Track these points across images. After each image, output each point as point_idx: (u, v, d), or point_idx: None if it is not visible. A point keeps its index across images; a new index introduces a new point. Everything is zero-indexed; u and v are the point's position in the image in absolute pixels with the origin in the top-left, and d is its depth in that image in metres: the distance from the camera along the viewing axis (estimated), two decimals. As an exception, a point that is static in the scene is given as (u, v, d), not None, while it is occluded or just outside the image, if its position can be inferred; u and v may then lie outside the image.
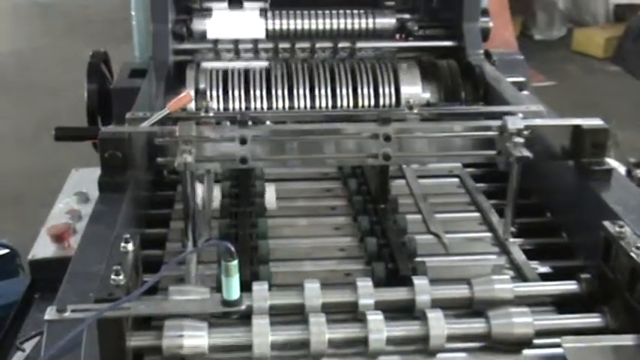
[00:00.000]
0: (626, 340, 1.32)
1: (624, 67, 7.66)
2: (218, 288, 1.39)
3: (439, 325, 1.35)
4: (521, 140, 1.67)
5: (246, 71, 2.43)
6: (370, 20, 2.69)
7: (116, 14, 9.12)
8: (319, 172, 2.13)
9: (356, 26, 2.69)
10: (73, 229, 2.01)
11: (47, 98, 6.49)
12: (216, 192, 1.96)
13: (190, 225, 1.69)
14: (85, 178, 2.34)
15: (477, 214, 1.93)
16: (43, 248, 1.96)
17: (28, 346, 1.79)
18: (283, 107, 2.35)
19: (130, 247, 1.39)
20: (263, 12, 2.67)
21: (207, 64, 2.49)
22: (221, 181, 2.01)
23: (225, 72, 2.42)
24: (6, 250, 3.08)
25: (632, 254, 1.36)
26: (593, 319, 1.41)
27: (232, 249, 1.21)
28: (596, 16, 8.39)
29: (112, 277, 1.29)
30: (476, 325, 1.37)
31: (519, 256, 1.70)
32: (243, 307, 1.28)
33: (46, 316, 1.20)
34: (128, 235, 1.40)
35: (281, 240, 1.78)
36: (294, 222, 1.89)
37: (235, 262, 1.22)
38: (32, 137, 5.68)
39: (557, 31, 8.56)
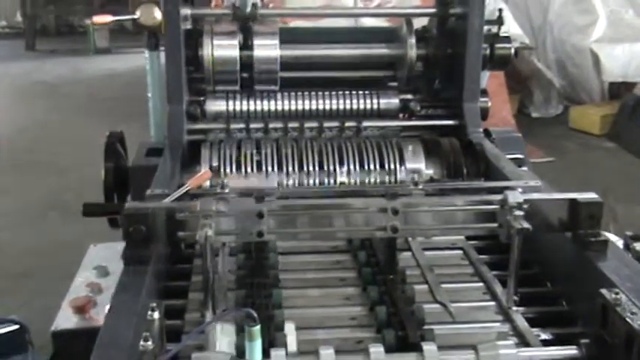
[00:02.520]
0: (625, 400, 1.41)
1: (620, 143, 7.83)
2: (237, 355, 1.47)
3: (448, 389, 1.43)
4: (521, 213, 1.77)
5: (258, 148, 2.55)
6: (375, 101, 2.83)
7: (119, 93, 9.41)
8: (329, 246, 2.22)
9: (361, 106, 2.82)
10: (93, 302, 2.10)
11: (53, 176, 6.62)
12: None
13: (210, 295, 1.78)
14: (103, 253, 2.44)
15: (480, 284, 2.02)
16: (65, 320, 2.05)
17: (53, 414, 1.86)
18: (294, 183, 2.46)
19: (156, 315, 1.48)
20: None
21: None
22: (236, 254, 2.11)
23: (239, 150, 2.54)
24: (16, 326, 3.15)
25: (628, 319, 1.46)
26: (593, 382, 1.49)
27: (255, 315, 1.31)
28: (591, 94, 8.62)
29: (141, 343, 1.38)
30: (483, 389, 1.45)
31: (522, 324, 1.78)
32: (265, 369, 1.37)
33: (81, 381, 1.29)
34: (154, 304, 1.49)
35: (294, 310, 1.87)
36: (306, 293, 1.98)
37: (258, 327, 1.31)
38: (40, 214, 5.80)
39: (554, 109, 8.78)
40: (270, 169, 2.51)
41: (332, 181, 2.48)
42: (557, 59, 8.64)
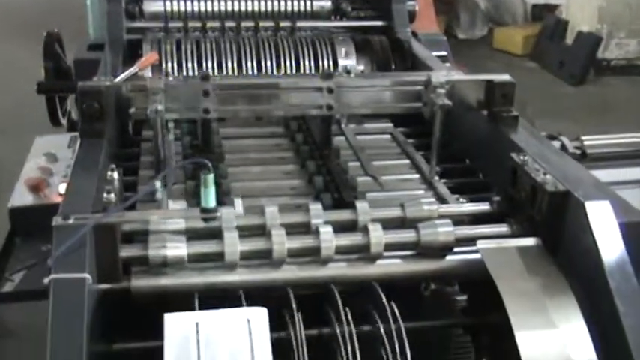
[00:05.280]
0: (528, 242, 1.64)
1: (540, 63, 8.17)
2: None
3: (378, 235, 1.63)
4: (443, 91, 1.97)
5: (198, 45, 2.67)
6: (308, 2, 2.97)
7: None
8: (268, 132, 2.39)
9: (295, 8, 2.96)
10: (47, 182, 2.22)
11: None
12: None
13: (161, 168, 1.93)
14: (49, 144, 2.54)
15: (407, 162, 2.22)
16: (21, 198, 2.16)
17: (17, 277, 2.00)
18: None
19: (116, 175, 1.63)
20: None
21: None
22: (181, 137, 2.26)
23: (179, 46, 2.65)
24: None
25: (533, 175, 1.68)
26: (502, 228, 1.71)
27: (209, 164, 1.47)
28: (515, 16, 8.90)
29: (105, 195, 1.53)
30: (408, 235, 1.66)
31: (443, 190, 2.00)
32: (218, 214, 1.54)
33: (54, 223, 1.43)
34: (114, 166, 1.64)
35: (239, 183, 2.03)
36: (248, 169, 2.14)
37: (212, 175, 1.47)
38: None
39: (480, 30, 9.05)
40: (210, 65, 2.63)
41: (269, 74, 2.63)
42: (482, -19, 8.86)
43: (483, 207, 1.80)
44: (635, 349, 1.33)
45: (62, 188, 2.16)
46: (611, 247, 1.47)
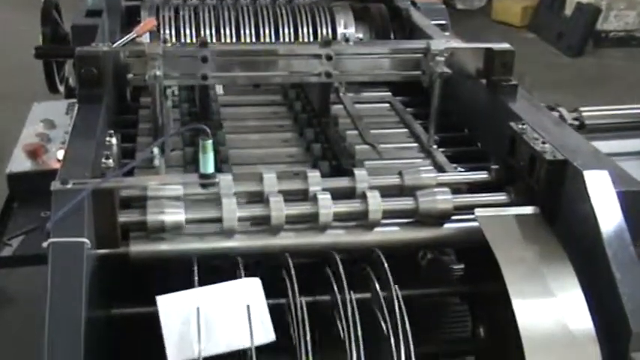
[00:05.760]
0: (526, 210, 1.64)
1: (539, 34, 8.14)
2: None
3: (376, 203, 1.63)
4: (442, 59, 1.96)
5: (196, 13, 2.65)
6: (306, -30, 2.93)
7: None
8: (267, 100, 2.38)
9: (294, -25, 2.92)
10: (45, 148, 2.21)
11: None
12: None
13: (159, 134, 1.92)
14: (47, 110, 2.53)
15: (405, 130, 2.22)
16: (19, 164, 2.16)
17: (15, 242, 2.01)
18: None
19: (114, 140, 1.63)
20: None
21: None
22: (179, 104, 2.25)
23: (177, 13, 2.63)
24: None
25: (532, 144, 1.68)
26: (500, 197, 1.72)
27: (208, 130, 1.46)
28: (514, -13, 8.84)
29: (103, 160, 1.53)
30: (406, 202, 1.66)
31: (441, 158, 2.00)
32: (217, 180, 1.53)
33: (52, 187, 1.43)
34: (112, 132, 1.63)
35: (237, 150, 2.03)
36: (247, 137, 2.14)
37: (210, 141, 1.47)
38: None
39: (478, 1, 9.00)
40: (207, 32, 2.61)
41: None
42: (482, -50, 8.80)
43: (481, 175, 1.80)
44: (631, 316, 1.34)
45: (60, 154, 2.16)
46: (609, 215, 1.47)
